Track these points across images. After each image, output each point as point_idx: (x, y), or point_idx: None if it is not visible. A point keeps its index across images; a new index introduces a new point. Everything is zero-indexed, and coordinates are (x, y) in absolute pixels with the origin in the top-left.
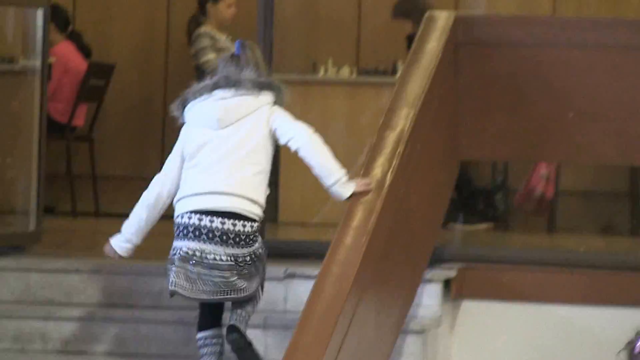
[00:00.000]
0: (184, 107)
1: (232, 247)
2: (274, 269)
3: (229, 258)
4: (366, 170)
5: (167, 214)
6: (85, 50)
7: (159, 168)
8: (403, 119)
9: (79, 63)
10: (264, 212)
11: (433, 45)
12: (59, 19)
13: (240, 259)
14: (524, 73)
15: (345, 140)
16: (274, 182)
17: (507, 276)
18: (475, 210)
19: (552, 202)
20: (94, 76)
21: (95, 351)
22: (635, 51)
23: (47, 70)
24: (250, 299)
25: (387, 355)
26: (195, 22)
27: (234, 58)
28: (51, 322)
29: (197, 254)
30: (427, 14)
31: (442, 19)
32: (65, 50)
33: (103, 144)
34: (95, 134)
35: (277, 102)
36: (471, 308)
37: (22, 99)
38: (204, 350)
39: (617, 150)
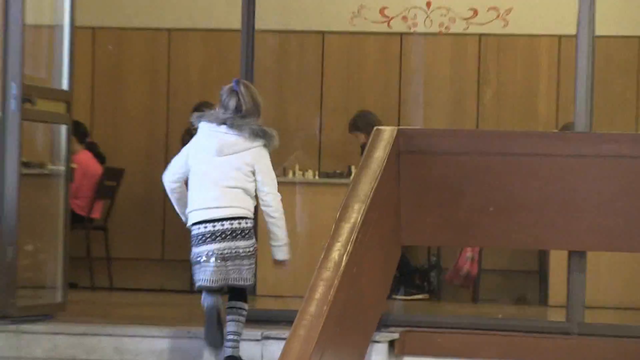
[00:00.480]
0: (199, 120)
1: (239, 240)
2: (253, 333)
3: (239, 249)
4: (326, 253)
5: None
6: (100, 158)
7: (160, 251)
8: (356, 213)
9: (95, 168)
10: None
11: (380, 153)
12: (78, 133)
13: (247, 250)
14: (453, 175)
15: (309, 228)
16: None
17: (440, 337)
18: (414, 285)
19: (476, 279)
20: (107, 178)
21: None
22: (543, 157)
23: (69, 174)
24: (245, 301)
25: None
26: (189, 134)
27: (233, 92)
28: None
29: (217, 252)
30: (375, 129)
31: (387, 132)
32: (84, 158)
33: (115, 232)
34: (109, 224)
35: (268, 145)
36: None
37: (50, 197)
38: (232, 319)
39: (529, 237)
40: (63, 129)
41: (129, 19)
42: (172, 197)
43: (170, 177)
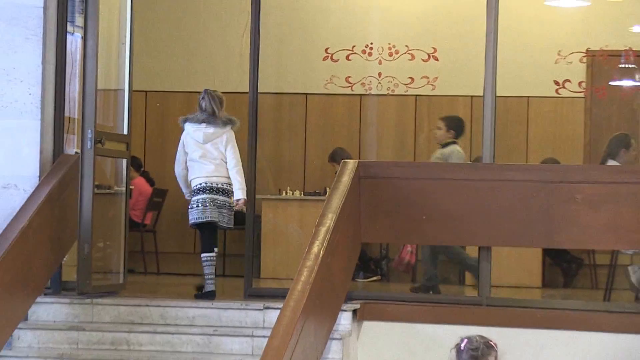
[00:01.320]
0: (185, 122)
1: (223, 195)
2: (257, 304)
3: (224, 202)
4: (309, 248)
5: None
6: (151, 182)
7: (193, 246)
8: (329, 220)
9: (147, 189)
10: None
11: (346, 178)
12: (135, 164)
13: (227, 202)
14: (398, 193)
15: (297, 231)
16: (257, 252)
17: (389, 307)
18: (370, 270)
19: (414, 266)
20: (156, 196)
21: (156, 349)
22: (461, 181)
23: (128, 193)
24: (216, 246)
25: (321, 353)
26: None
27: (204, 98)
28: (132, 334)
29: (210, 199)
30: (342, 161)
31: (351, 164)
32: (140, 182)
33: (161, 233)
34: (157, 228)
35: (233, 127)
36: (368, 325)
37: (114, 209)
38: (207, 264)
39: (452, 236)
40: (124, 162)
41: (170, 85)
42: (181, 181)
43: (179, 166)
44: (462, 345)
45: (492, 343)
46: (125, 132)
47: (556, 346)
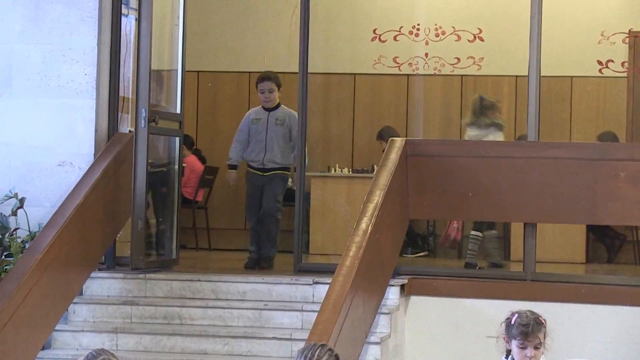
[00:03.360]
0: None
1: None
2: (306, 279)
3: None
4: (357, 224)
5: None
6: (202, 159)
7: (243, 222)
8: (377, 196)
9: (199, 166)
10: None
11: (394, 156)
12: (188, 142)
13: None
14: (444, 171)
15: (345, 207)
16: (306, 229)
17: (435, 282)
18: (417, 246)
19: (460, 242)
20: (207, 173)
21: (207, 323)
22: (506, 158)
23: (181, 170)
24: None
25: (370, 326)
26: None
27: None
28: (184, 308)
29: None
30: (390, 139)
31: (398, 142)
32: (192, 160)
33: (213, 210)
34: (208, 204)
35: None
36: (415, 300)
37: (167, 186)
38: None
39: (497, 213)
40: (176, 140)
41: (221, 65)
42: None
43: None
44: (513, 319)
45: (542, 319)
46: (178, 111)
47: (600, 321)
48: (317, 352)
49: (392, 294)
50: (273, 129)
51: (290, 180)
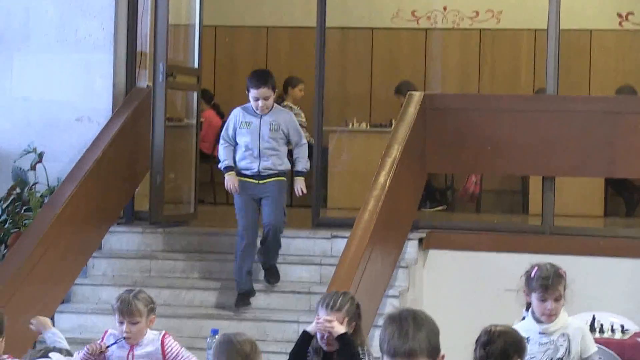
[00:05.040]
0: None
1: None
2: (325, 233)
3: None
4: (375, 178)
5: None
6: (220, 114)
7: None
8: (395, 150)
9: (217, 121)
10: None
11: (412, 110)
12: (206, 97)
13: None
14: (462, 125)
15: (364, 162)
16: (324, 183)
17: (453, 236)
18: (436, 200)
19: (478, 196)
20: None
21: (226, 277)
22: (525, 112)
23: (199, 125)
24: None
25: (388, 280)
26: (281, 98)
27: None
28: (203, 262)
29: None
30: (408, 93)
31: (417, 96)
32: (210, 114)
33: None
34: None
35: None
36: (434, 254)
37: (185, 141)
38: None
39: (515, 166)
40: (194, 94)
41: (239, 19)
42: None
43: None
44: (533, 272)
45: (561, 272)
46: (196, 65)
47: (619, 273)
48: (339, 300)
49: (411, 248)
50: (267, 135)
51: (307, 134)
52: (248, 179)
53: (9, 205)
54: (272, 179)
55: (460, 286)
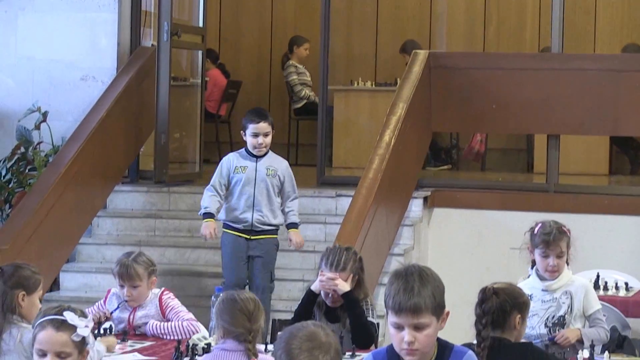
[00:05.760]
0: None
1: None
2: (329, 192)
3: None
4: (380, 136)
5: None
6: (226, 74)
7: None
8: (400, 109)
9: (222, 80)
10: None
11: (417, 68)
12: (211, 56)
13: None
14: (467, 83)
15: (368, 121)
16: (329, 142)
17: (458, 194)
18: (441, 159)
19: (483, 155)
20: (230, 88)
21: None
22: (530, 70)
23: (204, 84)
24: None
25: (393, 238)
26: (286, 57)
27: None
28: None
29: None
30: (413, 52)
31: (422, 54)
32: (215, 74)
33: (236, 124)
34: (231, 118)
35: None
36: (438, 212)
37: (190, 100)
38: None
39: (520, 125)
40: (199, 53)
41: None
42: None
43: None
44: (536, 229)
45: (565, 229)
46: (201, 24)
47: (623, 231)
48: (342, 258)
49: (415, 206)
50: (263, 181)
51: (312, 93)
52: (239, 234)
53: (14, 165)
54: (265, 236)
55: (465, 244)
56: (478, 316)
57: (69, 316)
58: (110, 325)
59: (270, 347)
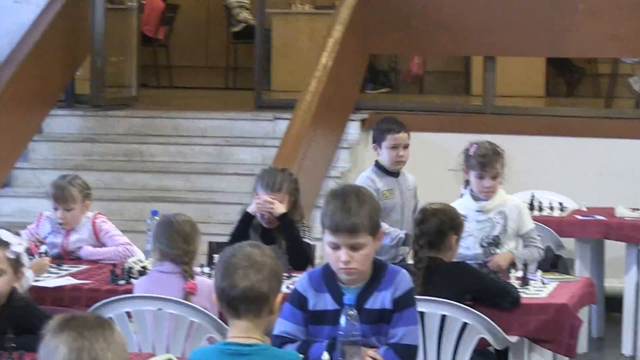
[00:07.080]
0: None
1: None
2: (267, 115)
3: None
4: (319, 60)
5: None
6: None
7: (204, 60)
8: (337, 32)
9: (159, 4)
10: None
11: None
12: None
13: None
14: (406, 6)
15: (307, 44)
16: (267, 66)
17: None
18: (379, 82)
19: (422, 77)
20: (168, 11)
21: (168, 160)
22: None
23: (141, 8)
24: None
25: (331, 160)
26: None
27: None
28: (144, 145)
29: None
30: None
31: None
32: None
33: (173, 48)
34: (169, 42)
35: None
36: None
37: (127, 24)
38: None
39: (457, 47)
40: None
41: None
42: None
43: None
44: (471, 150)
45: (499, 150)
46: None
47: (559, 152)
48: (278, 179)
49: (353, 129)
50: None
51: (250, 16)
52: None
53: None
54: None
55: None
56: (416, 236)
57: (3, 233)
58: (46, 250)
59: (206, 269)
